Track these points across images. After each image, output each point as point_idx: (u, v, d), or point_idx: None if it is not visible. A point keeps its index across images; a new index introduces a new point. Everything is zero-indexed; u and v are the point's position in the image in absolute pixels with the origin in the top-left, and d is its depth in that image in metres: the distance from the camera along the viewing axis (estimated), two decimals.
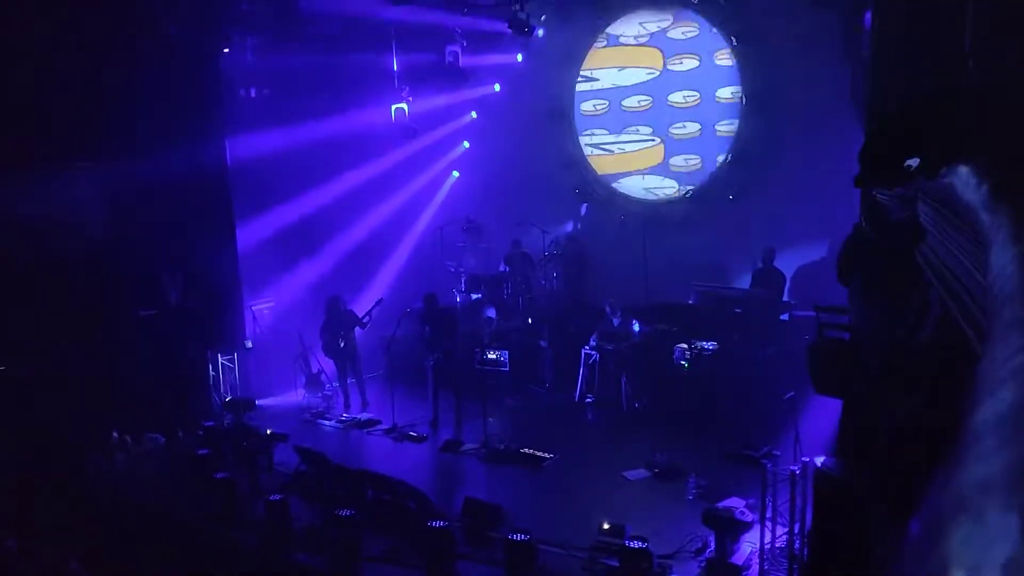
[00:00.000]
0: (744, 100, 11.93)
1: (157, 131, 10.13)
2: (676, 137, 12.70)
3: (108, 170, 9.92)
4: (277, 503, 7.05)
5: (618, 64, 13.06)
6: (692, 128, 12.57)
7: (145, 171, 9.78)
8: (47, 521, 7.25)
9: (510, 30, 11.41)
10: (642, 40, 12.82)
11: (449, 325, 10.39)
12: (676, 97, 12.62)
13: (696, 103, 12.50)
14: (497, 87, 13.88)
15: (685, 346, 9.76)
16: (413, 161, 13.77)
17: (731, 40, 11.97)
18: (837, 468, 4.15)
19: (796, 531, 5.78)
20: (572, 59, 13.29)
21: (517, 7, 11.11)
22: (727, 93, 12.19)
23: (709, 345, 9.83)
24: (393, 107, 12.55)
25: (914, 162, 1.03)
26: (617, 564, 6.00)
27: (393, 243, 13.99)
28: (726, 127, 12.24)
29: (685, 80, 12.54)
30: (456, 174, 14.52)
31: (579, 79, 13.34)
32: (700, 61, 12.38)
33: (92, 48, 9.57)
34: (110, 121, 9.92)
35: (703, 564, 6.22)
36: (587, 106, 13.39)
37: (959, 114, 0.97)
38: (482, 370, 10.13)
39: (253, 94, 12.09)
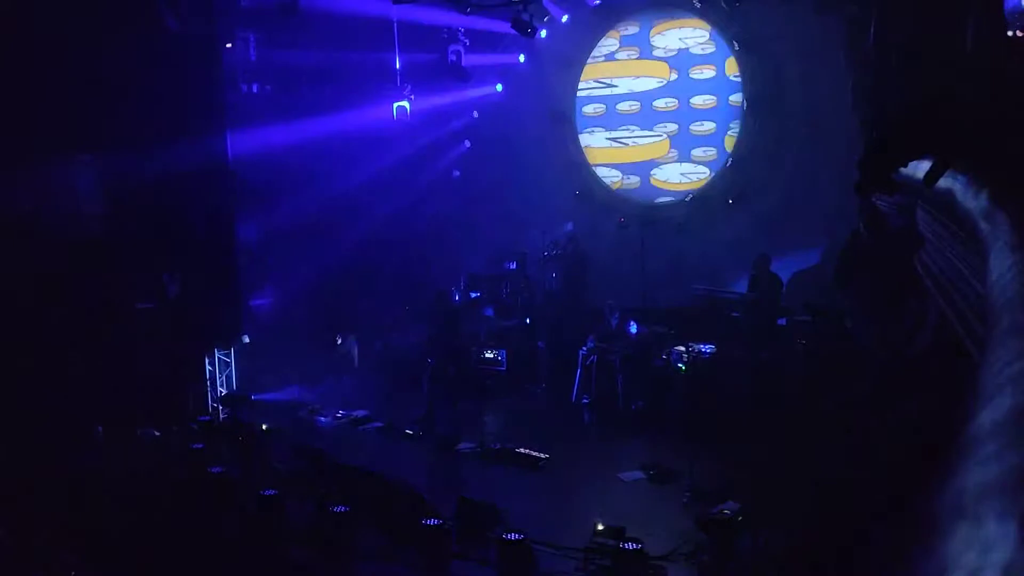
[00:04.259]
0: (746, 105, 11.95)
1: (158, 125, 10.11)
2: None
3: (108, 164, 9.91)
4: (271, 498, 7.05)
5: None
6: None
7: (145, 165, 9.77)
8: (39, 513, 7.22)
9: (513, 30, 11.42)
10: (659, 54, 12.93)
11: (456, 323, 10.32)
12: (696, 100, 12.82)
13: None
14: (499, 87, 13.89)
15: (682, 349, 9.77)
16: (414, 159, 13.78)
17: (733, 45, 11.98)
18: (833, 472, 4.17)
19: (791, 536, 5.79)
20: (574, 61, 13.30)
21: (520, 7, 11.13)
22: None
23: (706, 348, 9.84)
24: (395, 105, 12.56)
25: (913, 170, 1.04)
26: (611, 565, 6.01)
27: (392, 241, 13.99)
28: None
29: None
30: (467, 143, 14.49)
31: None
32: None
33: (91, 41, 9.55)
34: (110, 115, 9.89)
35: (696, 567, 6.22)
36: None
37: (960, 122, 0.97)
38: (479, 369, 10.13)
39: (255, 90, 12.10)
